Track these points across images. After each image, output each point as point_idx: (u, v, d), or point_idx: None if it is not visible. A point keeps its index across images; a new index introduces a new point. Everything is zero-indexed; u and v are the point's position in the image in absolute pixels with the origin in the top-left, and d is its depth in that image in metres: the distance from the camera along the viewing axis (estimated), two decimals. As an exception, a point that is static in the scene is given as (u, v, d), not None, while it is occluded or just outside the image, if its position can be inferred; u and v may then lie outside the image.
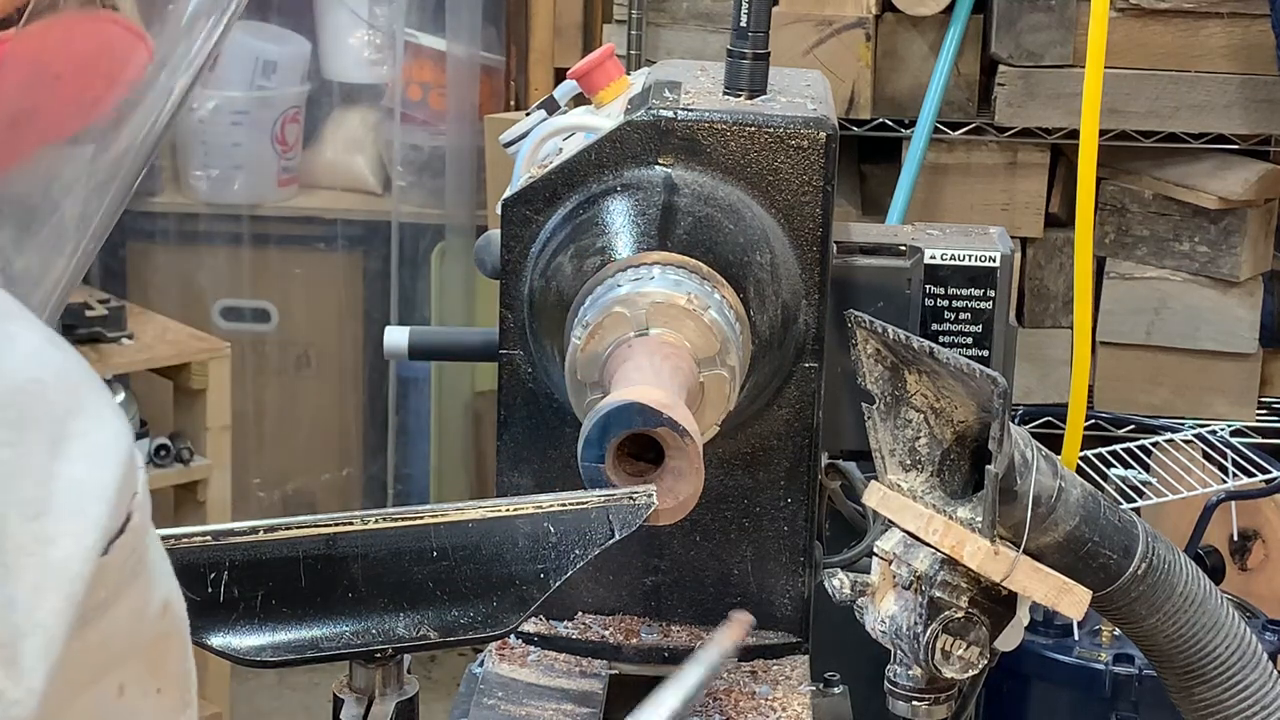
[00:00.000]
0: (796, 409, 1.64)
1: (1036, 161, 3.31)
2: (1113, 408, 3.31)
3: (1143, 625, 1.59)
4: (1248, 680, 1.59)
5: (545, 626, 1.68)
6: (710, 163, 1.60)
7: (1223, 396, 3.32)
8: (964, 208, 3.30)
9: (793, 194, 1.60)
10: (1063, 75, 3.19)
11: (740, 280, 1.56)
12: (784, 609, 1.68)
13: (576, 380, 1.48)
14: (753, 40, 1.64)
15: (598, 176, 1.60)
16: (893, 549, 1.57)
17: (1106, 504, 1.57)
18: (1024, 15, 3.19)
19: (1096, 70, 2.51)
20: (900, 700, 1.58)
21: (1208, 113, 3.22)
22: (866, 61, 3.19)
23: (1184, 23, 3.19)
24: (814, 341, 1.62)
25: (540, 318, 1.59)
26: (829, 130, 1.60)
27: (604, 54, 1.72)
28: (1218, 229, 3.25)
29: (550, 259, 1.58)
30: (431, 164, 3.99)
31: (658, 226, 1.56)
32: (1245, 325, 3.29)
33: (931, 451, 1.54)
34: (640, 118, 1.60)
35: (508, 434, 1.66)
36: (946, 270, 1.70)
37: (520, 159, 1.70)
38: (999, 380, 1.43)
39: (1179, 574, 1.57)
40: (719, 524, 1.66)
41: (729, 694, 1.60)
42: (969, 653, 1.52)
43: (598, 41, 3.47)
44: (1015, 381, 2.00)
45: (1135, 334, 3.31)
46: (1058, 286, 3.34)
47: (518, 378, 1.65)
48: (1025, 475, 1.50)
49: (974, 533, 1.49)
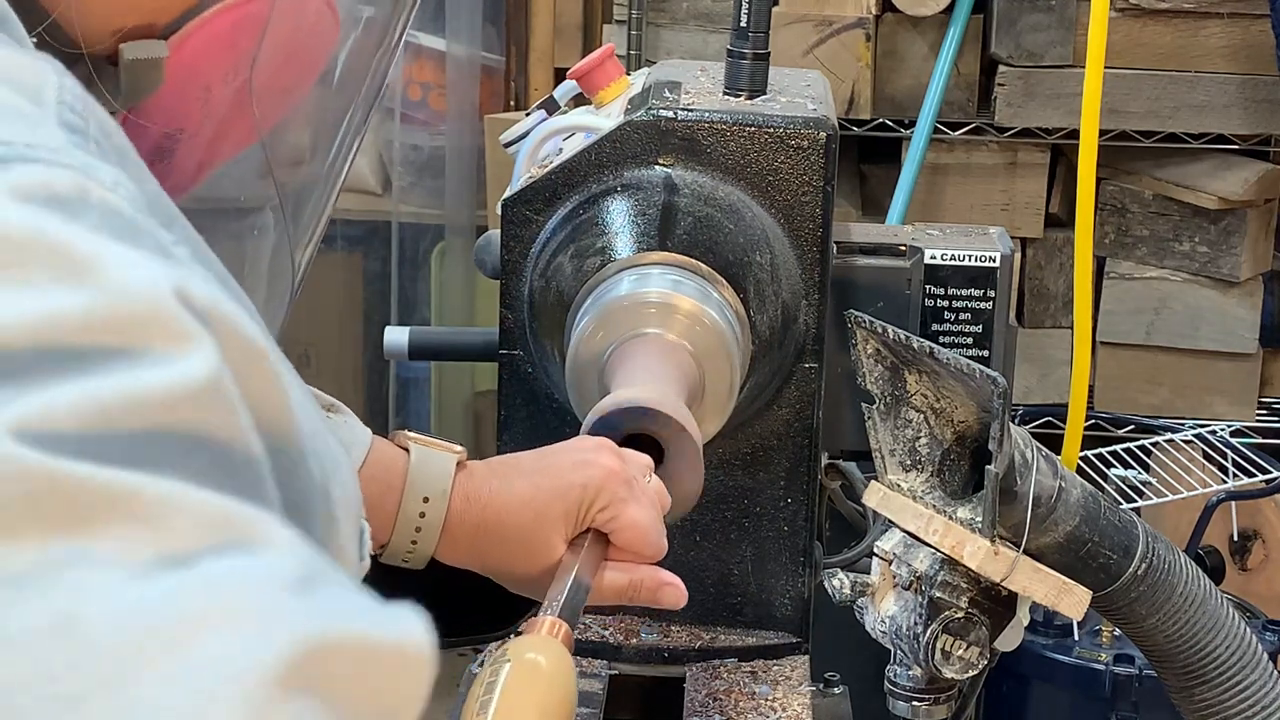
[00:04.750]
0: (796, 409, 1.64)
1: (1036, 161, 3.30)
2: (1113, 408, 3.31)
3: (1143, 625, 1.59)
4: (1248, 680, 1.59)
5: (545, 626, 1.68)
6: (710, 163, 1.60)
7: (1223, 396, 3.31)
8: (964, 208, 3.30)
9: (793, 194, 1.60)
10: (1063, 75, 3.19)
11: (740, 280, 1.56)
12: (784, 609, 1.68)
13: (576, 380, 1.48)
14: (753, 40, 1.64)
15: (598, 176, 1.59)
16: (893, 549, 1.57)
17: (1106, 504, 1.57)
18: (1024, 15, 3.18)
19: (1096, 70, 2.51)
20: (900, 700, 1.58)
21: (1208, 113, 3.21)
22: (866, 61, 3.19)
23: (1184, 23, 3.19)
24: (814, 341, 1.62)
25: (540, 318, 1.59)
26: (829, 130, 1.60)
27: (604, 54, 1.72)
28: (1218, 229, 3.25)
29: (550, 259, 1.58)
30: (431, 164, 3.99)
31: (658, 226, 1.56)
32: (1245, 325, 3.29)
33: (931, 452, 1.55)
34: (640, 118, 1.60)
35: (508, 434, 1.66)
36: (946, 270, 1.70)
37: (520, 159, 1.70)
38: (999, 380, 1.43)
39: (1179, 574, 1.57)
40: (719, 524, 1.66)
41: (729, 694, 1.60)
42: (969, 653, 1.53)
43: (598, 41, 3.47)
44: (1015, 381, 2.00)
45: (1135, 334, 3.31)
46: (1058, 286, 3.34)
47: (518, 378, 1.65)
48: (1025, 475, 1.50)
49: (974, 533, 1.49)
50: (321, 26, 1.07)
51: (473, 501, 1.28)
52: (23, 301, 0.65)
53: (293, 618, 0.60)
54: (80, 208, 0.70)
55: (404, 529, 1.27)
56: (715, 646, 1.66)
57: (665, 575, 1.30)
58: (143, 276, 0.68)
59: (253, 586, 0.61)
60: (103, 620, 0.58)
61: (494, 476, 1.30)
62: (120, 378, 0.65)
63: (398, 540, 1.27)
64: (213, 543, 0.62)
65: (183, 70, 0.98)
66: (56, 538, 0.60)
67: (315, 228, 1.19)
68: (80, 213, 0.69)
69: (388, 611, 0.64)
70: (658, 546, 1.28)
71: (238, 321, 0.71)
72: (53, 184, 0.70)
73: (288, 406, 0.74)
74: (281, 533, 0.65)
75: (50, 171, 0.70)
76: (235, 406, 0.68)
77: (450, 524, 1.27)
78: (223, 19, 0.99)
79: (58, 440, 0.62)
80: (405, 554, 1.27)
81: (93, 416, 0.63)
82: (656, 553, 1.28)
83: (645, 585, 1.29)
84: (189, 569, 0.61)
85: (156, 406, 0.65)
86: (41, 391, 0.63)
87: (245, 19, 1.00)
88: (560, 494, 1.26)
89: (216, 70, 1.01)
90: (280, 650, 0.59)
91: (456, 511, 1.27)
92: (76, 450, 0.62)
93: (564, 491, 1.26)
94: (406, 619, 0.65)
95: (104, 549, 0.61)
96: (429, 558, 1.28)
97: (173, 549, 0.61)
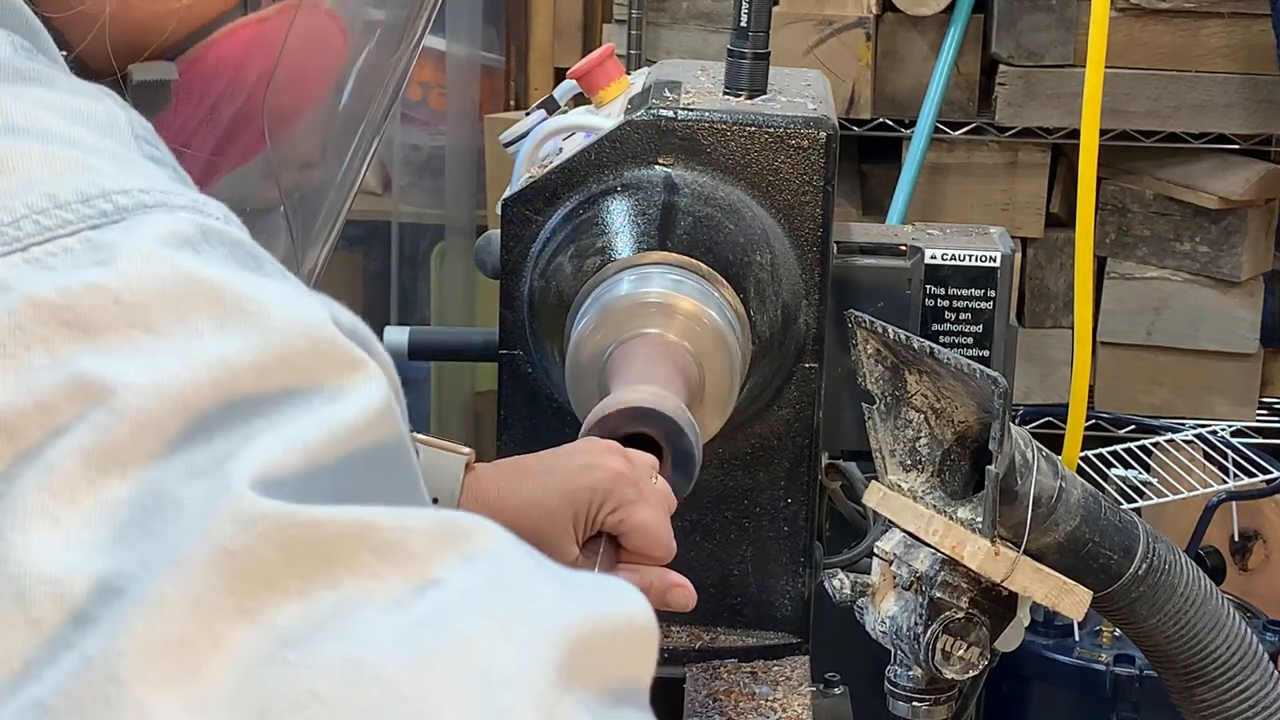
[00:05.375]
0: (796, 409, 1.64)
1: (1037, 161, 3.30)
2: (1113, 408, 3.31)
3: (1143, 626, 1.59)
4: (1248, 681, 1.59)
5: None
6: (710, 163, 1.60)
7: (1223, 396, 3.31)
8: (964, 208, 3.30)
9: (793, 194, 1.60)
10: (1063, 75, 3.19)
11: (740, 280, 1.55)
12: (784, 609, 1.68)
13: (576, 380, 1.48)
14: (753, 40, 1.64)
15: (598, 176, 1.59)
16: (893, 549, 1.57)
17: (1107, 504, 1.57)
18: (1024, 15, 3.18)
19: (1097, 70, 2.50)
20: (900, 701, 1.58)
21: (1208, 113, 3.21)
22: (866, 61, 3.19)
23: (1184, 23, 3.19)
24: (814, 341, 1.62)
25: (540, 318, 1.59)
26: (829, 130, 1.60)
27: (604, 54, 1.72)
28: (1218, 229, 3.25)
29: (550, 259, 1.58)
30: (431, 164, 3.99)
31: (658, 226, 1.56)
32: (1245, 325, 3.29)
33: (932, 452, 1.54)
34: (640, 118, 1.60)
35: (508, 434, 1.66)
36: (947, 270, 1.70)
37: (520, 159, 1.70)
38: (999, 380, 1.43)
39: (1179, 574, 1.57)
40: (719, 524, 1.66)
41: (729, 694, 1.60)
42: (969, 653, 1.52)
43: (598, 41, 3.47)
44: (1015, 381, 2.00)
45: (1136, 334, 3.31)
46: (1058, 286, 3.34)
47: (518, 378, 1.65)
48: (1026, 476, 1.50)
49: (974, 533, 1.49)
50: (331, 45, 1.06)
51: (481, 504, 1.28)
52: (200, 352, 0.65)
53: (551, 614, 0.61)
54: (209, 248, 0.69)
55: None
56: (715, 647, 1.66)
57: (674, 576, 1.31)
58: (302, 310, 0.68)
59: (505, 589, 0.62)
60: (388, 658, 0.58)
61: (502, 479, 1.30)
62: (314, 416, 0.65)
63: None
64: (451, 556, 0.62)
65: (190, 90, 0.97)
66: (317, 587, 0.60)
67: (329, 233, 1.19)
68: (211, 251, 0.69)
69: (608, 586, 0.65)
70: (667, 547, 1.28)
71: (370, 334, 0.72)
72: (181, 228, 0.69)
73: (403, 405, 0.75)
74: (492, 527, 0.65)
75: (173, 216, 0.70)
76: (401, 413, 0.69)
77: None
78: (232, 40, 0.98)
79: (282, 487, 0.62)
80: None
81: (304, 459, 0.63)
82: (666, 554, 1.29)
83: (655, 587, 1.29)
84: (444, 588, 0.61)
85: (352, 437, 0.65)
86: (251, 441, 0.63)
87: (255, 40, 0.99)
88: (569, 496, 1.26)
89: (224, 90, 1.00)
90: (552, 650, 0.59)
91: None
92: (303, 494, 0.62)
93: (573, 494, 1.26)
94: (626, 592, 0.65)
95: (360, 587, 0.61)
96: None
97: (422, 573, 0.62)
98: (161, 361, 0.64)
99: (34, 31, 0.82)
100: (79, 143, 0.73)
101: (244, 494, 0.61)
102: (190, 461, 0.63)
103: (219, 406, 0.64)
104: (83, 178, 0.70)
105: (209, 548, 0.60)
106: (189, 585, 0.59)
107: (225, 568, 0.60)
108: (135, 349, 0.65)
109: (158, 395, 0.64)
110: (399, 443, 0.69)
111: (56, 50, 0.83)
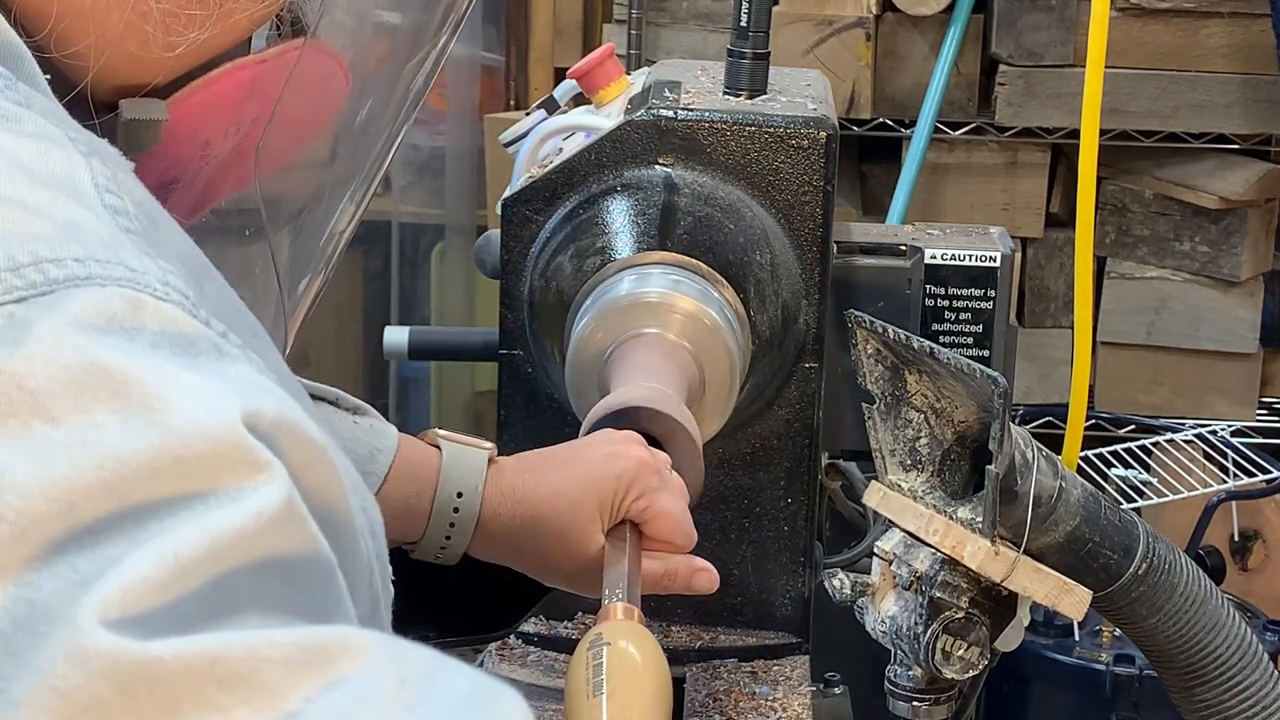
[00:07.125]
0: (796, 409, 1.64)
1: (1037, 161, 3.30)
2: (1113, 408, 3.31)
3: (1143, 625, 1.59)
4: (1248, 681, 1.59)
5: (545, 627, 1.68)
6: (710, 163, 1.60)
7: (1223, 396, 3.31)
8: (964, 208, 3.30)
9: (793, 194, 1.60)
10: (1063, 75, 3.19)
11: (740, 280, 1.55)
12: (784, 609, 1.68)
13: (576, 380, 1.48)
14: (753, 40, 1.64)
15: (598, 176, 1.59)
16: (893, 549, 1.57)
17: (1107, 504, 1.57)
18: (1024, 15, 3.18)
19: (1097, 70, 2.50)
20: (900, 700, 1.58)
21: (1208, 113, 3.21)
22: (866, 61, 3.19)
23: (1184, 23, 3.19)
24: (814, 341, 1.62)
25: (540, 318, 1.59)
26: (829, 130, 1.60)
27: (604, 54, 1.72)
28: (1218, 229, 3.25)
29: (550, 259, 1.58)
30: (431, 164, 3.98)
31: (658, 226, 1.56)
32: (1245, 325, 3.29)
33: (932, 452, 1.54)
34: (640, 118, 1.60)
35: (508, 434, 1.66)
36: (947, 270, 1.70)
37: (520, 159, 1.70)
38: (999, 380, 1.43)
39: (1179, 574, 1.57)
40: (719, 524, 1.66)
41: (729, 694, 1.60)
42: (969, 653, 1.52)
43: (598, 41, 3.47)
44: (1015, 381, 2.00)
45: (1135, 334, 3.31)
46: (1058, 286, 3.34)
47: (518, 378, 1.65)
48: (1026, 475, 1.50)
49: (974, 533, 1.49)
50: (330, 87, 1.03)
51: (506, 496, 1.28)
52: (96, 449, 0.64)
53: None
54: (135, 328, 0.68)
55: (438, 525, 1.27)
56: (715, 646, 1.66)
57: (699, 561, 1.31)
58: (209, 410, 0.66)
59: (361, 717, 0.61)
60: None
61: (525, 471, 1.30)
62: (197, 524, 0.63)
63: (431, 537, 1.27)
64: (311, 684, 0.61)
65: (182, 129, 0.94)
66: None
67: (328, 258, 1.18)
68: (137, 333, 0.68)
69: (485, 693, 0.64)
70: (689, 534, 1.29)
71: (298, 421, 0.70)
72: (110, 305, 0.68)
73: (343, 491, 0.73)
74: (365, 641, 0.64)
75: (103, 292, 0.68)
76: (304, 518, 0.67)
77: (485, 519, 1.27)
78: (226, 80, 0.95)
79: (141, 618, 0.60)
80: (439, 550, 1.27)
81: (174, 579, 0.62)
82: (688, 541, 1.29)
83: (680, 573, 1.30)
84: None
85: (234, 548, 0.64)
86: (121, 563, 0.62)
87: (250, 81, 0.96)
88: (594, 485, 1.26)
89: (217, 129, 0.97)
90: None
91: (491, 506, 1.27)
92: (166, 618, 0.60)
93: (598, 482, 1.26)
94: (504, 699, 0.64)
95: None
96: (461, 554, 1.28)
97: (275, 706, 0.60)
98: (54, 459, 0.63)
99: (16, 57, 0.80)
100: (22, 200, 0.71)
101: (84, 628, 0.59)
102: (73, 567, 0.62)
103: (107, 510, 0.63)
104: (17, 244, 0.69)
105: (39, 688, 0.58)
106: None
107: (54, 709, 0.58)
108: (32, 439, 0.63)
109: (44, 498, 0.62)
110: (300, 548, 0.67)
111: (40, 75, 0.81)
